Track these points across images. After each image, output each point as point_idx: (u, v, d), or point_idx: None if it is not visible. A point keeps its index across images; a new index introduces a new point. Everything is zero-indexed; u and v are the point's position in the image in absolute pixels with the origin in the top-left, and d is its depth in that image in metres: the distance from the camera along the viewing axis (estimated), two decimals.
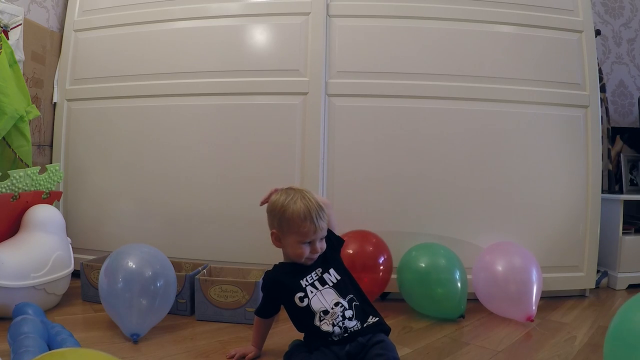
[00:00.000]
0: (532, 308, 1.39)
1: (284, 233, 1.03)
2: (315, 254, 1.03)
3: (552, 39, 1.71)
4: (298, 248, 1.01)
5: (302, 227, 1.00)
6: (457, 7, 1.69)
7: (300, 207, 1.00)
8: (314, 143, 1.65)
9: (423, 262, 1.45)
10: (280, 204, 1.03)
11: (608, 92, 2.33)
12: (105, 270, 1.21)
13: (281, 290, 1.05)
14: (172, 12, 1.80)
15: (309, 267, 1.06)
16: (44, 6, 1.87)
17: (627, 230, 1.91)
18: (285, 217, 1.01)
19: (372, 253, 1.50)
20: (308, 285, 1.03)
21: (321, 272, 1.06)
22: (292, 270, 1.06)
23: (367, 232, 1.56)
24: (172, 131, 1.76)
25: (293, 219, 1.00)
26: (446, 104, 1.67)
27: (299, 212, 1.00)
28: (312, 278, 1.04)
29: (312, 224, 1.00)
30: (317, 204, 1.03)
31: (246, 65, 1.72)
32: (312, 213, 1.00)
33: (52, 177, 1.61)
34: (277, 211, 1.03)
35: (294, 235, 1.01)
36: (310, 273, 1.05)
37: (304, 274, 1.05)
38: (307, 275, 1.04)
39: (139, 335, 1.15)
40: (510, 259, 1.46)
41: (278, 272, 1.08)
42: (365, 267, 1.46)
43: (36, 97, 1.81)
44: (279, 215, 1.03)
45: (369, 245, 1.51)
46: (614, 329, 0.85)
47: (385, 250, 1.53)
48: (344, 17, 1.70)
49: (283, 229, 1.03)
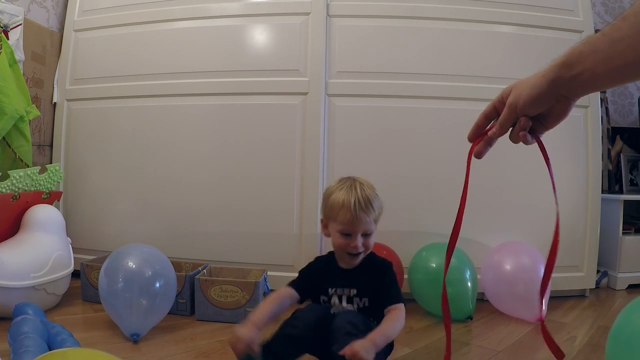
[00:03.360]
0: (542, 308, 1.39)
1: (329, 220, 1.00)
2: (354, 250, 0.96)
3: (552, 39, 1.71)
4: (337, 237, 0.97)
5: (340, 215, 0.95)
6: (457, 7, 1.69)
7: (343, 194, 0.96)
8: (314, 143, 1.65)
9: (434, 262, 1.45)
10: (330, 190, 1.01)
11: (608, 92, 2.33)
12: (105, 270, 1.21)
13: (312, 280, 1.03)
14: (172, 12, 1.80)
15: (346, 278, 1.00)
16: (44, 6, 1.87)
17: (627, 230, 1.91)
18: (329, 203, 0.99)
19: None
20: (334, 295, 1.00)
21: (355, 293, 0.99)
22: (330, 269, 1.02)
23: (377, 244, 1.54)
24: (172, 131, 1.76)
25: (334, 205, 0.97)
26: (446, 104, 1.67)
27: (339, 199, 0.96)
28: (342, 291, 1.00)
29: (348, 213, 0.94)
30: (363, 194, 0.96)
31: (246, 65, 1.72)
32: (352, 201, 0.94)
33: (52, 177, 1.61)
34: (325, 196, 1.01)
35: (334, 224, 0.97)
36: (344, 288, 1.00)
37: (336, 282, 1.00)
38: (338, 287, 1.00)
39: (139, 335, 1.15)
40: (519, 258, 1.46)
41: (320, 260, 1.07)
42: None
43: (36, 97, 1.81)
44: (325, 201, 1.01)
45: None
46: (616, 330, 0.85)
47: (395, 261, 1.52)
48: (344, 17, 1.70)
49: (327, 215, 1.00)
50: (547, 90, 0.60)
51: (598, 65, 0.53)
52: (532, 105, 0.62)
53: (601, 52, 0.53)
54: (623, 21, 0.51)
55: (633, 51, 0.50)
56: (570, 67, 0.56)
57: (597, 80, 0.55)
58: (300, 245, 1.65)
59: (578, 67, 0.55)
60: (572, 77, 0.57)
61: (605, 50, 0.52)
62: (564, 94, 0.60)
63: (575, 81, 0.57)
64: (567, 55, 0.57)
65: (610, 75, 0.53)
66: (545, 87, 0.60)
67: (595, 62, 0.53)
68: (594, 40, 0.54)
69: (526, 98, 0.62)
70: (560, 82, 0.58)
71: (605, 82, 0.55)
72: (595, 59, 0.53)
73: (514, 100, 0.64)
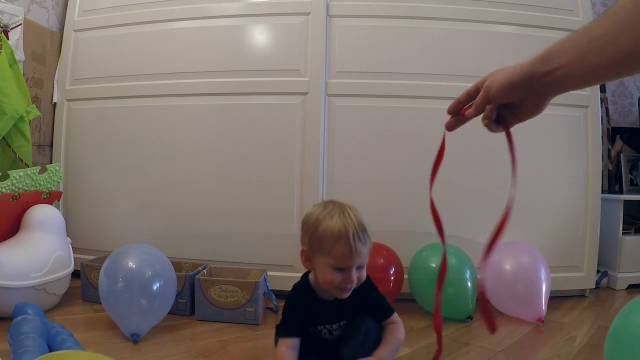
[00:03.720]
0: (542, 308, 1.39)
1: (315, 253, 0.87)
2: (349, 284, 0.85)
3: (552, 39, 1.68)
4: (328, 273, 0.85)
5: (336, 248, 0.83)
6: (457, 7, 1.69)
7: (337, 223, 0.83)
8: (314, 143, 1.65)
9: (434, 262, 1.44)
10: (315, 217, 0.87)
11: (608, 92, 2.33)
12: (105, 270, 1.21)
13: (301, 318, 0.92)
14: (172, 12, 1.80)
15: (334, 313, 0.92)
16: (44, 6, 1.87)
17: (627, 230, 1.91)
18: (318, 233, 0.85)
19: (382, 265, 1.49)
20: (324, 329, 0.94)
21: (344, 323, 0.93)
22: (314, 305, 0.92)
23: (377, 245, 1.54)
24: (172, 131, 1.76)
25: (326, 237, 0.83)
26: (446, 104, 1.66)
27: (333, 230, 0.83)
28: (331, 327, 0.94)
29: (347, 246, 0.82)
30: (358, 222, 0.85)
31: (246, 65, 1.72)
32: (350, 232, 0.83)
33: (52, 177, 1.61)
34: (309, 225, 0.87)
35: (326, 257, 0.84)
36: (332, 323, 0.93)
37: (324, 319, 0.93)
38: (327, 323, 0.93)
39: (139, 335, 1.15)
40: (519, 258, 1.46)
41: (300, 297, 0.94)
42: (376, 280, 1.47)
43: (36, 97, 1.81)
44: (310, 231, 0.86)
45: (380, 258, 1.50)
46: (614, 330, 0.85)
47: (395, 261, 1.53)
48: (344, 17, 1.70)
49: (314, 247, 0.86)
50: (521, 81, 0.60)
51: (575, 61, 0.53)
52: (503, 92, 0.63)
53: (579, 48, 0.53)
54: (603, 19, 0.51)
55: (610, 48, 0.50)
56: (547, 62, 0.57)
57: (572, 78, 0.55)
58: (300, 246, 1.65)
59: (555, 62, 0.56)
60: (547, 72, 0.57)
61: (583, 46, 0.52)
62: (537, 88, 0.60)
63: (550, 77, 0.57)
64: (546, 49, 0.58)
65: (585, 72, 0.53)
66: (519, 77, 0.60)
67: (572, 57, 0.54)
68: (574, 36, 0.54)
69: (499, 84, 0.63)
70: (535, 75, 0.58)
71: (580, 79, 0.55)
72: (573, 54, 0.54)
73: (489, 84, 0.65)
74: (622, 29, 0.48)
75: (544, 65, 0.57)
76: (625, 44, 0.48)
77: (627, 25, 0.48)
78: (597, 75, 0.53)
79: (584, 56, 0.52)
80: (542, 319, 1.38)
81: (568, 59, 0.54)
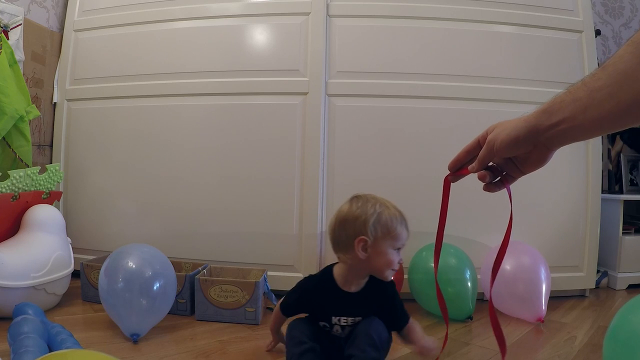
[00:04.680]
0: (542, 308, 1.39)
1: (377, 239, 0.94)
2: (400, 262, 0.97)
3: (552, 39, 1.71)
4: (390, 254, 0.94)
5: (400, 231, 0.95)
6: (457, 7, 1.69)
7: (394, 211, 0.97)
8: (314, 143, 1.65)
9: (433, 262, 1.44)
10: (372, 210, 0.95)
11: None
12: (105, 270, 1.21)
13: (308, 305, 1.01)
14: (172, 12, 1.80)
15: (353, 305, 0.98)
16: (44, 6, 1.87)
17: (627, 230, 1.91)
18: (382, 221, 0.94)
19: None
20: (337, 324, 0.99)
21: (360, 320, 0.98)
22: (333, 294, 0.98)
23: None
24: (172, 131, 1.76)
25: (389, 222, 0.94)
26: (446, 104, 1.67)
27: (395, 216, 0.96)
28: (346, 320, 0.98)
29: (406, 228, 0.97)
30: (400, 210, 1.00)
31: (246, 65, 1.72)
32: (404, 217, 0.98)
33: (52, 177, 1.61)
34: (365, 216, 0.95)
35: (389, 241, 0.94)
36: (349, 316, 0.98)
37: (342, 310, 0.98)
38: (343, 315, 0.98)
39: (139, 335, 1.15)
40: (519, 258, 1.46)
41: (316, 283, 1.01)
42: None
43: (36, 97, 1.81)
44: (370, 221, 0.94)
45: None
46: (613, 330, 0.85)
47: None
48: (344, 17, 1.70)
49: (377, 234, 0.94)
50: (526, 135, 0.60)
51: (577, 114, 0.53)
52: (508, 147, 0.62)
53: (580, 101, 0.53)
54: (602, 71, 0.51)
55: (611, 101, 0.49)
56: (550, 115, 0.56)
57: (576, 131, 0.55)
58: (300, 245, 1.65)
59: (558, 115, 0.55)
60: (551, 126, 0.57)
61: (584, 99, 0.52)
62: (542, 141, 0.59)
63: (554, 130, 0.57)
64: (549, 102, 0.57)
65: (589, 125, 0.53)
66: (524, 131, 0.60)
67: (574, 110, 0.53)
68: (575, 89, 0.54)
69: (504, 138, 0.62)
70: (539, 129, 0.58)
71: (584, 132, 0.55)
72: (574, 108, 0.53)
73: (493, 139, 0.64)
74: (622, 81, 0.48)
75: (548, 118, 0.57)
76: (626, 96, 0.48)
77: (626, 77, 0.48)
78: (602, 126, 0.53)
79: (586, 109, 0.52)
80: (542, 319, 1.38)
81: (571, 112, 0.54)
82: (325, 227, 1.66)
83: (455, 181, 0.77)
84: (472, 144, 0.72)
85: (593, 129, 0.54)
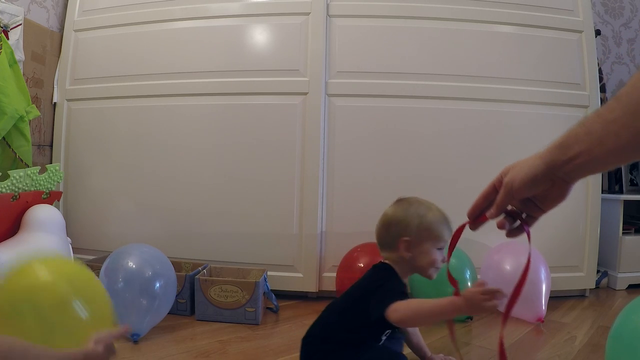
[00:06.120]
0: (542, 308, 1.39)
1: (422, 239, 0.97)
2: (443, 261, 0.99)
3: (552, 39, 1.71)
4: (434, 254, 0.97)
5: (443, 231, 0.98)
6: (457, 7, 1.69)
7: (438, 213, 1.00)
8: (314, 143, 1.65)
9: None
10: (415, 212, 1.00)
11: (608, 92, 2.33)
12: (105, 270, 1.21)
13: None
14: (172, 12, 1.79)
15: None
16: (44, 6, 1.87)
17: (627, 230, 1.91)
18: (425, 222, 0.97)
19: None
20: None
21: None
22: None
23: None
24: (172, 131, 1.76)
25: (434, 223, 0.97)
26: (446, 104, 1.67)
27: (439, 217, 0.99)
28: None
29: (449, 230, 0.99)
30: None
31: (246, 65, 1.72)
32: (447, 218, 1.00)
33: (52, 177, 1.61)
34: (410, 217, 0.99)
35: (433, 241, 0.97)
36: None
37: None
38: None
39: (139, 335, 1.15)
40: (519, 258, 1.46)
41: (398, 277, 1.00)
42: None
43: (36, 97, 1.81)
44: (415, 222, 0.98)
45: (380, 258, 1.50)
46: (616, 330, 0.85)
47: None
48: (344, 17, 1.70)
49: (422, 234, 0.97)
50: (543, 172, 0.59)
51: (594, 147, 0.52)
52: (527, 186, 0.61)
53: (595, 134, 0.52)
54: (616, 102, 0.50)
55: (627, 131, 0.49)
56: (567, 150, 0.56)
57: (593, 163, 0.54)
58: (300, 246, 1.65)
59: (574, 149, 0.55)
60: (567, 160, 0.56)
61: (599, 132, 0.52)
62: (560, 176, 0.58)
63: (570, 164, 0.56)
64: (563, 137, 0.57)
65: (605, 157, 0.52)
66: (541, 168, 0.59)
67: (590, 143, 0.53)
68: (589, 121, 0.54)
69: (522, 178, 0.61)
70: (556, 164, 0.57)
71: (601, 164, 0.54)
72: (590, 141, 0.53)
73: (510, 181, 0.63)
74: (637, 111, 0.48)
75: (563, 153, 0.56)
76: None
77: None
78: (619, 158, 0.52)
79: (602, 141, 0.51)
80: (542, 319, 1.38)
81: (586, 145, 0.53)
82: (325, 227, 1.66)
83: (475, 229, 0.75)
84: (488, 189, 0.70)
85: (610, 160, 0.53)
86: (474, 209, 0.73)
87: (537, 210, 0.67)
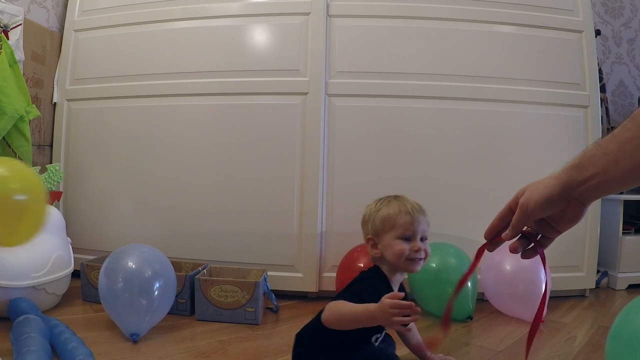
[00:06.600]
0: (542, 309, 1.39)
1: (379, 234, 0.95)
2: (418, 251, 0.92)
3: (552, 39, 1.71)
4: (397, 244, 0.92)
5: (398, 219, 0.93)
6: (457, 7, 1.69)
7: (394, 205, 0.95)
8: (314, 143, 1.65)
9: (433, 261, 1.43)
10: (372, 209, 0.98)
11: (608, 92, 2.33)
12: (105, 270, 1.21)
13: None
14: (172, 12, 1.79)
15: None
16: (44, 6, 1.87)
17: (627, 230, 1.91)
18: (378, 217, 0.95)
19: None
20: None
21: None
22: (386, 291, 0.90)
23: None
24: (172, 131, 1.76)
25: (388, 216, 0.94)
26: (446, 104, 1.67)
27: (394, 209, 0.94)
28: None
29: (408, 214, 0.93)
30: (413, 201, 0.98)
31: (246, 65, 1.72)
32: (408, 206, 0.95)
33: (52, 177, 1.61)
34: (369, 215, 0.98)
35: (391, 232, 0.93)
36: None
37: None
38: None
39: (138, 335, 1.15)
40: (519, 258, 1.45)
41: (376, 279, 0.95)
42: None
43: (36, 97, 1.81)
44: (372, 217, 0.96)
45: None
46: (615, 330, 0.85)
47: None
48: (344, 17, 1.70)
49: (377, 229, 0.95)
50: (559, 192, 0.59)
51: (609, 168, 0.53)
52: (542, 207, 0.61)
53: (611, 154, 0.52)
54: (632, 122, 0.50)
55: None
56: (582, 170, 0.56)
57: (608, 184, 0.54)
58: (300, 245, 1.65)
59: (589, 170, 0.55)
60: (583, 180, 0.56)
61: (615, 152, 0.52)
62: (575, 197, 0.58)
63: (586, 185, 0.56)
64: (579, 157, 0.57)
65: (621, 177, 0.53)
66: (557, 189, 0.59)
67: (606, 164, 0.53)
68: (605, 142, 0.54)
69: (537, 199, 0.61)
70: (572, 185, 0.57)
71: (617, 185, 0.54)
72: (606, 161, 0.53)
73: (525, 201, 0.63)
74: None
75: (579, 174, 0.56)
76: None
77: None
78: (634, 178, 0.52)
79: (618, 162, 0.52)
80: (542, 319, 1.38)
81: (602, 166, 0.53)
82: (325, 227, 1.66)
83: (492, 250, 0.75)
84: (504, 210, 0.70)
85: (626, 181, 0.53)
86: (490, 230, 0.73)
87: (553, 232, 0.67)
